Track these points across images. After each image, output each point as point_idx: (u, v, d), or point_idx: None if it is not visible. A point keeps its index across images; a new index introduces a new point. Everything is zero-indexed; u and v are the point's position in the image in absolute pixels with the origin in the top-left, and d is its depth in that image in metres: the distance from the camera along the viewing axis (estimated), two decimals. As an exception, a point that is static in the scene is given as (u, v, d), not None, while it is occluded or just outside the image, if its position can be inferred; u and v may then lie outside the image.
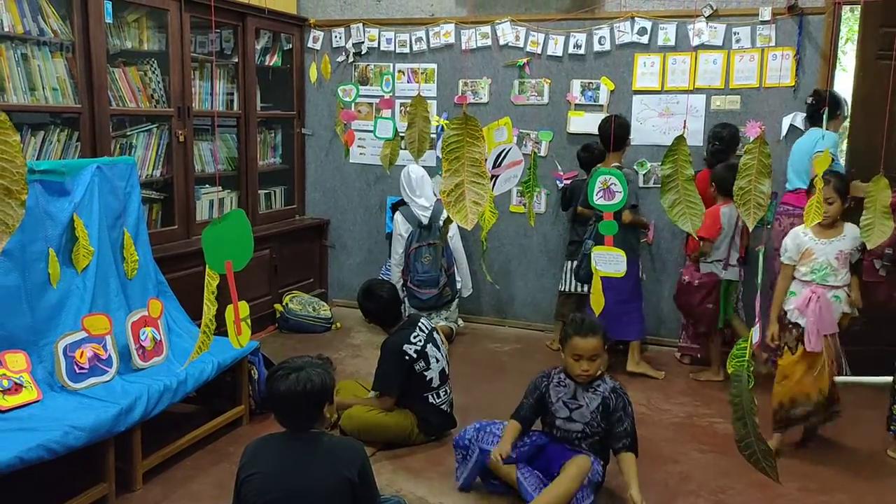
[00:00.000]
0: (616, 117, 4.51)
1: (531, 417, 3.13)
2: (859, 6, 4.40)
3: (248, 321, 2.01)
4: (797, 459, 3.52)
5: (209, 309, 1.92)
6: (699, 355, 4.76)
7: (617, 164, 4.47)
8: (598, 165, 4.52)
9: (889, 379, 3.57)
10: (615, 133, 4.42)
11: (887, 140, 4.24)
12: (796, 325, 3.47)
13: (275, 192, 5.74)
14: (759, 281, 2.22)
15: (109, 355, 3.20)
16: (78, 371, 3.08)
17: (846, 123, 4.54)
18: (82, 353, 3.10)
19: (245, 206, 5.16)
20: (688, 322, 4.72)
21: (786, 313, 3.53)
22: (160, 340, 3.45)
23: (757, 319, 2.32)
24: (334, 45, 5.75)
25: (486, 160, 1.87)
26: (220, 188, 5.04)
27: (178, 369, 3.26)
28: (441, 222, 4.93)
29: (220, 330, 2.17)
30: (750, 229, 2.70)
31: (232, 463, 2.96)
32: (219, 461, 3.39)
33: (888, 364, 3.60)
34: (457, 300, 5.25)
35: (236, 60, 5.09)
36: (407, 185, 5.09)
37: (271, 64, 5.62)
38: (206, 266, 1.93)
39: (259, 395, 3.82)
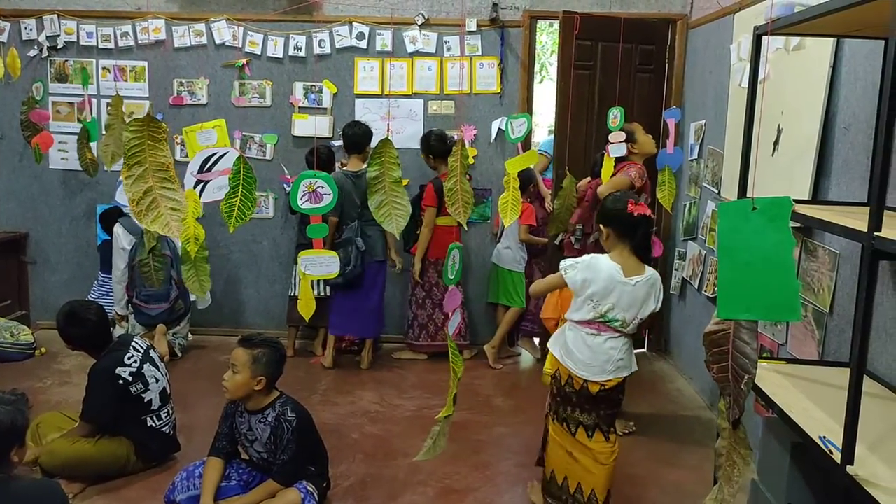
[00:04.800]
0: (358, 123, 4.68)
1: (229, 446, 3.00)
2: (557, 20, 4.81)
3: None
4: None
5: None
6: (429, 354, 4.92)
7: (359, 168, 4.55)
8: (343, 168, 4.62)
9: None
10: (354, 137, 4.56)
11: (578, 139, 4.75)
12: None
13: (-45, 203, 4.98)
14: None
15: None
16: None
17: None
18: None
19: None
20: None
21: None
22: None
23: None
24: (24, 38, 5.10)
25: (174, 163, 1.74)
26: None
27: None
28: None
29: None
30: (464, 226, 2.87)
31: None
32: None
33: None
34: (189, 314, 4.94)
35: None
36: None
37: (-58, 55, 4.85)
38: None
39: (-64, 442, 3.26)
